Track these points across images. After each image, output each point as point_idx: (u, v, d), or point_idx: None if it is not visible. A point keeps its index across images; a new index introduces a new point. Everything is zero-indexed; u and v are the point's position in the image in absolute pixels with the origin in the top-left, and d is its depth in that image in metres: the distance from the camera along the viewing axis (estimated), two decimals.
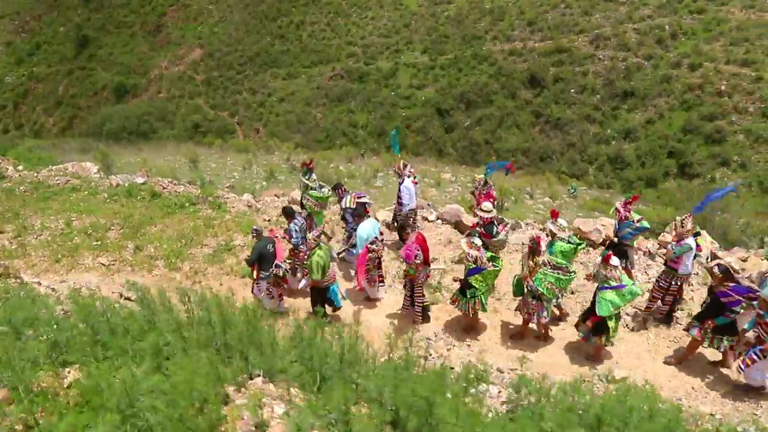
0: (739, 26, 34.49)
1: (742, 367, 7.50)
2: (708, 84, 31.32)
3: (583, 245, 9.06)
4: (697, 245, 8.75)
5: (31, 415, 2.37)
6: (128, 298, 9.22)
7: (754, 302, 7.51)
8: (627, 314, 9.32)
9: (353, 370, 3.22)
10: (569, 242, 8.80)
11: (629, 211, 9.43)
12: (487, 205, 9.56)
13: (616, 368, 8.03)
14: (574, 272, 8.50)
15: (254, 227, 9.54)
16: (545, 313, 8.55)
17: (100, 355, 2.65)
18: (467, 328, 9.24)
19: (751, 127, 28.69)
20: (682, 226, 8.62)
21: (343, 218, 10.54)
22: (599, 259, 8.37)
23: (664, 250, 10.43)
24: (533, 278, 8.33)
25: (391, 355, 3.57)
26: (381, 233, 9.87)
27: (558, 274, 8.30)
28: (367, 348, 3.80)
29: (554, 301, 8.76)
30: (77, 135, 48.55)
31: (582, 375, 5.31)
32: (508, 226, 10.11)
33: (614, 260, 8.04)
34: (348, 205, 10.41)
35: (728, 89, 30.55)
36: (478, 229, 9.43)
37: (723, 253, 10.27)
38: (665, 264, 8.94)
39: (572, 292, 9.66)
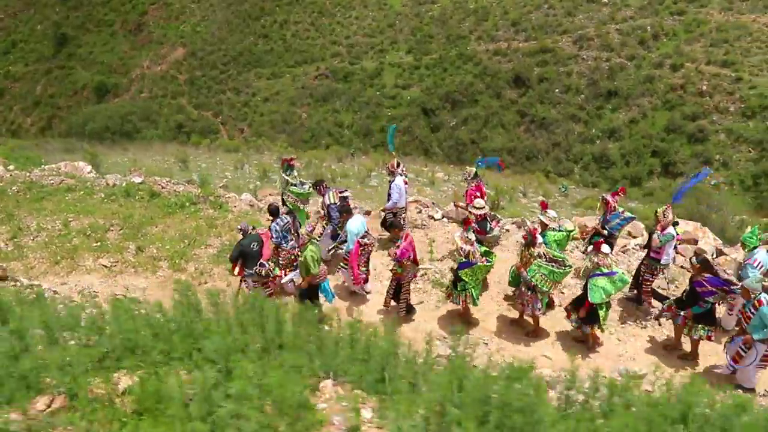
0: (719, 28, 35.12)
1: (733, 365, 7.63)
2: (690, 84, 31.83)
3: (574, 231, 9.35)
4: (677, 234, 9.01)
5: (91, 424, 2.27)
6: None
7: (729, 295, 7.82)
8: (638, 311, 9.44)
9: (412, 370, 3.13)
10: (560, 230, 9.05)
11: (616, 203, 9.63)
12: (479, 201, 9.64)
13: (623, 364, 8.13)
14: (570, 266, 8.53)
15: (240, 225, 9.46)
16: (539, 305, 8.61)
17: (152, 360, 2.54)
18: (464, 321, 9.28)
19: (732, 126, 29.22)
20: (665, 217, 8.80)
21: (327, 215, 10.47)
22: (590, 247, 8.48)
23: (637, 241, 10.78)
24: (527, 269, 8.39)
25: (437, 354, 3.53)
26: (368, 230, 9.89)
27: (552, 267, 8.34)
28: (409, 347, 3.70)
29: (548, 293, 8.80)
30: (57, 135, 47.70)
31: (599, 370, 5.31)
32: (502, 221, 10.19)
33: (605, 248, 8.18)
34: (332, 201, 10.40)
35: (709, 89, 31.08)
36: (473, 225, 9.49)
37: (729, 249, 10.49)
38: (647, 255, 9.15)
39: (562, 291, 9.75)
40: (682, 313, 8.15)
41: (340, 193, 10.80)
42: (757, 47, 32.67)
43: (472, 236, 8.59)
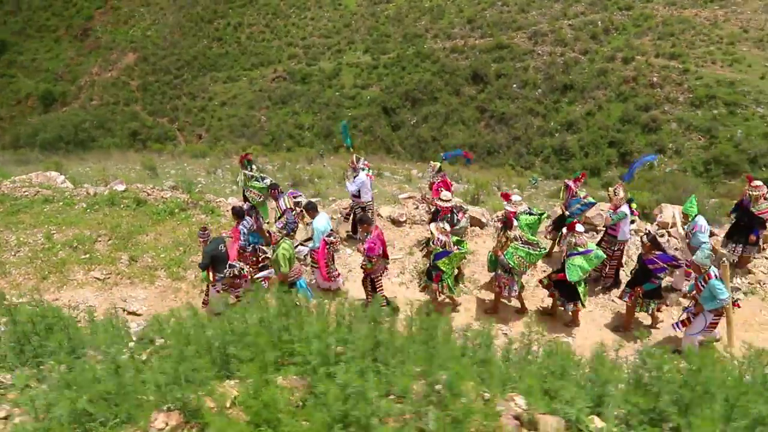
0: (664, 22, 36.54)
1: (680, 327, 8.18)
2: (641, 76, 32.96)
3: (545, 214, 9.83)
4: (632, 210, 9.50)
5: None
6: (133, 312, 8.69)
7: (677, 270, 8.56)
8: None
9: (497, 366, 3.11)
10: (531, 214, 9.46)
11: (578, 188, 10.01)
12: (446, 194, 9.77)
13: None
14: (544, 248, 8.99)
15: (200, 231, 9.27)
16: (516, 287, 8.92)
17: (257, 368, 2.41)
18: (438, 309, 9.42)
19: (683, 115, 30.42)
20: (615, 195, 9.28)
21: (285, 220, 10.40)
22: (564, 229, 8.92)
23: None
24: (504, 253, 8.65)
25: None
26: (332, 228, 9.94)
27: (528, 249, 8.68)
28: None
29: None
30: (1, 147, 45.58)
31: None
32: (468, 212, 10.43)
33: (579, 227, 8.61)
34: (288, 206, 10.37)
35: (659, 81, 32.27)
36: (448, 215, 9.73)
37: (720, 230, 11.03)
38: (606, 233, 9.68)
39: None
40: (628, 291, 8.65)
41: (294, 196, 10.81)
42: (700, 40, 34.15)
43: (447, 226, 8.80)
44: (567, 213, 10.07)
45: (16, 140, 45.31)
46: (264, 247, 9.52)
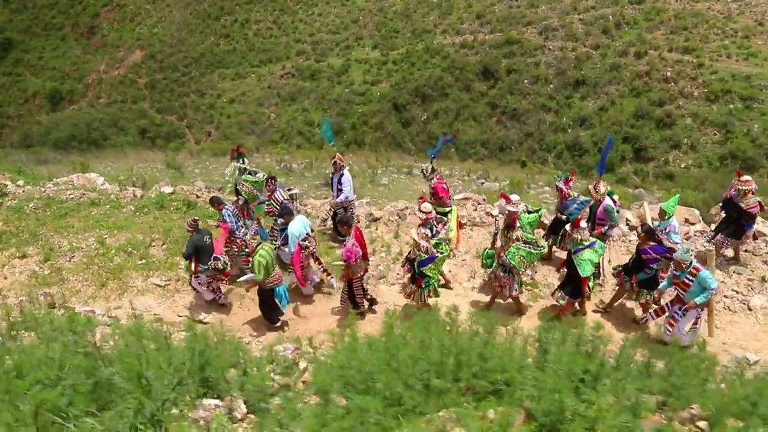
0: (677, 15, 36.24)
1: (669, 330, 8.22)
2: (654, 71, 32.69)
3: (541, 210, 10.08)
4: (615, 201, 9.72)
5: None
6: (200, 321, 8.58)
7: (671, 261, 8.46)
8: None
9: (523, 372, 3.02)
10: (529, 212, 9.62)
11: (570, 189, 10.08)
12: (426, 205, 9.73)
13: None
14: (543, 247, 9.23)
15: (190, 220, 9.21)
16: (516, 286, 9.07)
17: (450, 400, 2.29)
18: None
19: (697, 110, 30.17)
20: (596, 191, 9.44)
21: (280, 214, 10.30)
22: (568, 226, 8.97)
23: (697, 228, 11.23)
24: (506, 253, 8.78)
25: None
26: (313, 230, 9.93)
27: (530, 248, 8.81)
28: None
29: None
30: (9, 145, 45.53)
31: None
32: (448, 224, 10.38)
33: (583, 223, 8.73)
34: (284, 198, 10.37)
35: (673, 75, 32.01)
36: (433, 222, 9.70)
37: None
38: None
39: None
40: (627, 279, 8.86)
41: (289, 190, 10.74)
42: (714, 33, 33.87)
43: (428, 231, 8.93)
44: (563, 216, 10.09)
45: (24, 138, 45.30)
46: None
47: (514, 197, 9.86)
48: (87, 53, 52.71)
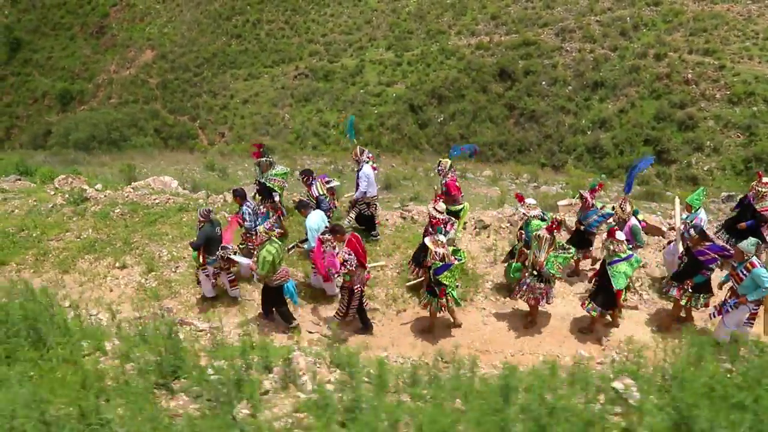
0: (696, 17, 36.06)
1: (715, 315, 8.26)
2: (675, 73, 32.53)
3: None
4: (640, 221, 9.54)
5: None
6: (327, 337, 8.37)
7: (729, 259, 8.41)
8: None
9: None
10: (543, 219, 9.34)
11: (594, 199, 9.85)
12: (441, 205, 9.59)
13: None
14: (573, 249, 8.98)
15: (203, 210, 9.00)
16: (552, 292, 8.97)
17: None
18: (426, 329, 9.30)
19: (720, 112, 30.03)
20: (623, 211, 9.23)
21: (317, 206, 10.06)
22: (604, 235, 8.85)
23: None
24: (545, 263, 8.53)
25: None
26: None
27: (564, 254, 8.66)
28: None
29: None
30: (18, 146, 45.29)
31: None
32: (456, 224, 10.27)
33: (620, 234, 8.53)
34: (320, 192, 10.14)
35: (695, 77, 31.85)
36: (443, 227, 9.48)
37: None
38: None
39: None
40: (675, 284, 8.64)
41: (327, 182, 10.58)
42: (734, 35, 33.71)
43: (443, 237, 8.67)
44: (582, 226, 9.90)
45: (33, 139, 45.07)
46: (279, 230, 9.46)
47: (529, 200, 9.68)
48: (96, 53, 52.37)
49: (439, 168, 10.74)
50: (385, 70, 41.67)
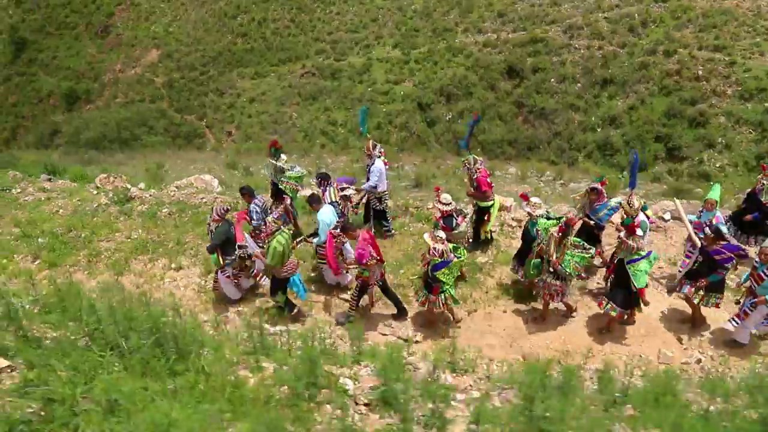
0: (704, 13, 35.91)
1: (738, 321, 8.13)
2: (685, 69, 32.42)
3: (563, 218, 9.56)
4: (649, 218, 9.61)
5: None
6: (405, 339, 8.29)
7: (744, 259, 8.48)
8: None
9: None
10: (549, 218, 9.36)
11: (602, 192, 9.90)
12: (446, 197, 9.55)
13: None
14: (593, 249, 8.96)
15: (220, 208, 8.90)
16: (568, 290, 9.01)
17: None
18: (428, 324, 9.24)
19: (732, 109, 29.92)
20: (630, 207, 9.17)
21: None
22: (622, 233, 8.59)
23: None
24: (561, 262, 8.52)
25: None
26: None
27: (582, 253, 8.62)
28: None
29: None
30: (24, 146, 45.22)
31: None
32: (468, 217, 10.22)
33: (640, 230, 8.51)
34: (333, 199, 10.00)
35: (705, 74, 31.75)
36: (440, 222, 9.50)
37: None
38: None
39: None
40: (688, 282, 8.59)
41: (341, 189, 10.49)
42: (744, 31, 33.58)
43: (443, 234, 8.58)
44: (591, 221, 9.88)
45: (39, 138, 45.01)
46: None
47: (534, 199, 9.65)
48: (102, 52, 52.26)
49: (467, 166, 10.72)
50: (393, 68, 41.58)
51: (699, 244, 9.09)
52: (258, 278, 9.25)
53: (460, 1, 45.19)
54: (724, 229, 8.94)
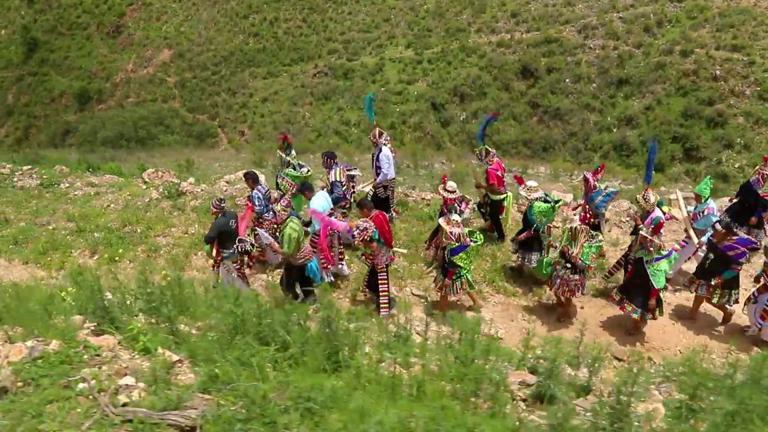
0: (721, 13, 35.67)
1: (762, 323, 7.93)
2: (702, 69, 32.18)
3: (561, 202, 9.34)
4: (664, 213, 9.08)
5: None
6: (492, 336, 8.15)
7: (756, 251, 8.25)
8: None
9: None
10: (546, 201, 8.98)
11: (597, 181, 9.62)
12: (451, 184, 9.38)
13: None
14: (600, 234, 8.67)
15: (216, 200, 8.76)
16: (586, 283, 8.70)
17: None
18: (440, 309, 9.10)
19: (750, 109, 29.69)
20: (646, 201, 8.83)
21: (330, 192, 9.82)
22: (643, 230, 8.23)
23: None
24: (580, 255, 8.20)
25: None
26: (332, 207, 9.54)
27: (596, 242, 8.35)
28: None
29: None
30: (36, 145, 45.30)
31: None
32: (471, 203, 10.03)
33: (663, 230, 8.27)
34: (337, 179, 9.80)
35: (723, 74, 31.51)
36: (444, 208, 9.33)
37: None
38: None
39: None
40: (712, 281, 8.24)
41: (348, 170, 10.25)
42: (763, 31, 33.29)
43: (457, 217, 8.38)
44: (589, 208, 9.56)
45: (52, 138, 45.12)
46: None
47: (530, 182, 9.35)
48: (113, 52, 52.41)
49: (479, 157, 10.64)
50: (406, 68, 41.48)
51: (695, 237, 9.03)
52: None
53: (472, 1, 45.08)
54: (713, 219, 8.82)
